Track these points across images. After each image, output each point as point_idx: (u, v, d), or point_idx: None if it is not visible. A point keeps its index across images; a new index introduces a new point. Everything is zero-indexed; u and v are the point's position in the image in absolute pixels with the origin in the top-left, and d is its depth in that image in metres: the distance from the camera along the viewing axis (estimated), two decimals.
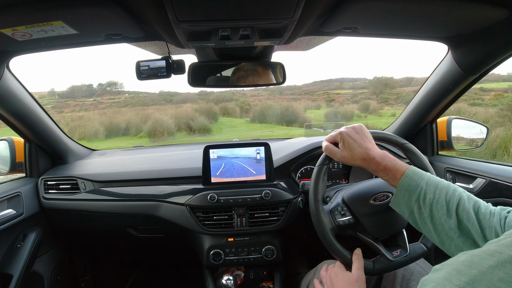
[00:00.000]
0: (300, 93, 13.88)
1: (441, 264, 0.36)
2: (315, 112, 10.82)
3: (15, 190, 1.15)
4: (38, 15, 0.64)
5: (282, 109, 9.71)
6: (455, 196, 0.62)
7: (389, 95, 11.90)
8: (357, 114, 9.98)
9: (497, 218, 0.57)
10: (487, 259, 0.31)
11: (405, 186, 0.66)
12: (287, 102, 11.90)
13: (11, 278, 1.06)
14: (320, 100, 12.78)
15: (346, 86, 13.25)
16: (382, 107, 10.98)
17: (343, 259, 0.81)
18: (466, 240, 0.59)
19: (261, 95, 13.67)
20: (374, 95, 12.10)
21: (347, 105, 11.51)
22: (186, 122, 8.75)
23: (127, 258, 1.67)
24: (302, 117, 9.18)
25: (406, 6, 0.70)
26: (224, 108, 11.52)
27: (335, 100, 12.53)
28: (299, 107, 10.48)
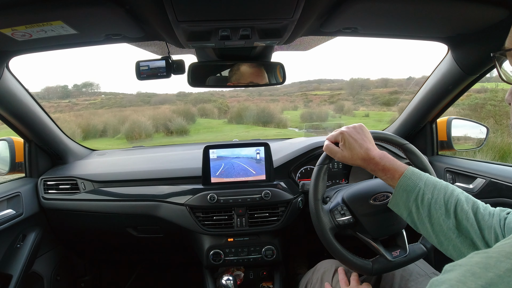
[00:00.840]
0: (279, 94, 13.96)
1: (451, 264, 0.34)
2: (291, 113, 11.02)
3: (14, 190, 1.15)
4: (38, 15, 0.64)
5: (259, 110, 10.00)
6: (454, 196, 0.62)
7: (365, 96, 12.13)
8: (332, 115, 10.28)
9: (497, 219, 0.57)
10: (503, 261, 0.29)
11: (403, 186, 0.66)
12: (265, 103, 12.04)
13: (10, 278, 1.06)
14: (298, 101, 12.97)
15: (324, 87, 13.42)
16: (357, 107, 11.23)
17: (342, 259, 0.81)
18: (464, 241, 0.59)
19: (240, 96, 13.75)
20: (350, 96, 12.33)
21: (323, 106, 11.78)
22: (164, 123, 8.82)
23: (127, 258, 1.66)
24: (277, 118, 9.47)
25: (406, 6, 0.70)
26: (202, 109, 11.63)
27: (313, 101, 12.67)
28: (277, 108, 10.74)
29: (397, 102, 9.91)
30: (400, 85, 11.94)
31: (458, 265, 0.33)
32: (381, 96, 11.66)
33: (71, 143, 1.43)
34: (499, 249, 0.31)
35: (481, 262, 0.30)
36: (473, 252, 0.57)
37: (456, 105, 6.54)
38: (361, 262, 0.80)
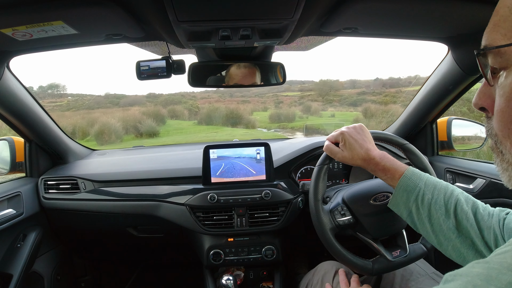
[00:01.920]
0: (251, 96, 14.05)
1: (452, 274, 0.33)
2: (261, 114, 11.22)
3: (15, 190, 1.15)
4: (38, 15, 0.64)
5: (228, 112, 10.16)
6: (453, 197, 0.62)
7: (333, 97, 12.31)
8: (300, 115, 10.48)
9: (496, 219, 0.57)
10: (505, 274, 0.28)
11: (404, 187, 0.66)
12: (236, 104, 12.12)
13: (11, 278, 1.06)
14: (269, 103, 13.07)
15: (295, 88, 13.51)
16: (326, 108, 11.46)
17: (342, 259, 0.81)
18: (464, 241, 0.59)
19: (212, 97, 13.79)
20: (320, 97, 12.49)
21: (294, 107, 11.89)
22: (134, 125, 8.85)
23: (127, 258, 1.67)
24: (246, 119, 9.71)
25: (406, 7, 0.71)
26: (172, 111, 11.67)
27: (283, 102, 12.71)
28: (246, 110, 10.95)
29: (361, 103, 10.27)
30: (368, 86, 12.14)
31: (459, 275, 0.32)
32: (349, 96, 11.89)
33: (72, 143, 1.43)
34: (501, 259, 0.30)
35: (483, 274, 0.30)
36: (472, 252, 0.58)
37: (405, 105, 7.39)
38: (361, 262, 0.81)
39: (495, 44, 0.34)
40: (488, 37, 0.36)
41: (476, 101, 0.39)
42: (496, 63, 0.35)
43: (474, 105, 0.39)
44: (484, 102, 0.38)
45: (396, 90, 11.30)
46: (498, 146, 0.36)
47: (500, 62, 0.34)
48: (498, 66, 0.34)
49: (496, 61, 0.34)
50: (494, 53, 0.34)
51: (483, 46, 0.36)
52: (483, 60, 0.36)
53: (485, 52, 0.36)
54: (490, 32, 0.35)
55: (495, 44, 0.34)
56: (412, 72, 12.50)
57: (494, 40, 0.34)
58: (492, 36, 0.35)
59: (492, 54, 0.35)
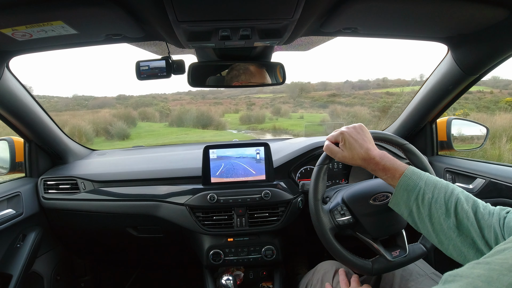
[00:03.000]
0: (223, 98, 14.01)
1: (452, 274, 0.33)
2: (232, 115, 11.33)
3: (14, 190, 1.15)
4: (38, 15, 0.64)
5: (199, 114, 10.29)
6: (454, 195, 0.62)
7: (305, 99, 12.44)
8: (269, 117, 10.67)
9: (496, 218, 0.57)
10: (506, 275, 0.28)
11: (404, 186, 0.66)
12: (207, 106, 12.17)
13: (10, 278, 1.06)
14: (242, 104, 13.03)
15: (267, 90, 13.56)
16: (297, 110, 11.59)
17: (342, 259, 0.81)
18: (464, 240, 0.59)
19: (183, 99, 13.73)
20: (291, 99, 12.62)
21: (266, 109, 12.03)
22: (105, 127, 8.82)
23: (127, 258, 1.66)
24: (217, 120, 9.85)
25: (406, 7, 0.71)
26: (143, 113, 11.67)
27: (255, 104, 12.76)
28: (218, 111, 11.05)
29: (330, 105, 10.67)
30: (338, 88, 12.27)
31: (459, 276, 0.32)
32: (319, 98, 12.03)
33: (71, 143, 1.43)
34: (501, 260, 0.30)
35: (483, 275, 0.30)
36: (472, 251, 0.58)
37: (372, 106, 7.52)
38: (361, 262, 0.81)
39: None
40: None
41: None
42: None
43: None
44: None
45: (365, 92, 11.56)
46: None
47: None
48: None
49: None
50: None
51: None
52: None
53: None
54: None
55: None
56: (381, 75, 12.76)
57: None
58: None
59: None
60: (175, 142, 1.47)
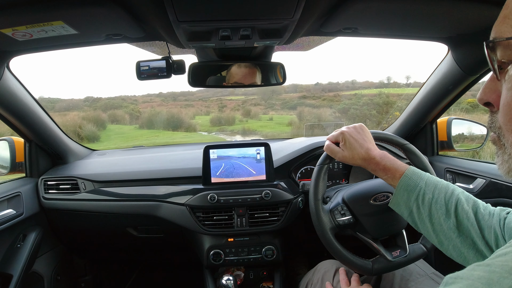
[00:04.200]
0: (194, 99, 13.89)
1: (453, 276, 0.33)
2: (203, 118, 11.40)
3: (15, 190, 1.15)
4: (38, 15, 0.64)
5: (169, 116, 10.31)
6: (454, 196, 0.62)
7: (276, 101, 12.49)
8: (240, 119, 10.78)
9: (497, 218, 0.57)
10: (507, 277, 0.28)
11: (404, 186, 0.66)
12: (178, 108, 12.14)
13: (11, 278, 1.06)
14: (213, 106, 12.95)
15: (239, 92, 13.54)
16: (268, 111, 11.73)
17: (342, 259, 0.81)
18: (464, 240, 0.59)
19: (154, 101, 13.58)
20: (263, 100, 12.67)
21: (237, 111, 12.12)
22: (74, 130, 8.72)
23: (127, 258, 1.67)
24: (187, 122, 9.94)
25: (406, 7, 0.71)
26: (112, 116, 11.58)
27: (227, 106, 12.71)
28: (189, 113, 11.10)
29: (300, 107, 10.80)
30: (308, 90, 12.34)
31: (460, 278, 0.32)
32: (290, 100, 12.10)
33: (72, 143, 1.43)
34: (502, 262, 0.30)
35: (484, 277, 0.29)
36: (472, 252, 0.58)
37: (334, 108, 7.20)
38: (361, 262, 0.81)
39: (504, 36, 0.34)
40: (497, 29, 0.36)
41: (481, 96, 0.39)
42: (505, 55, 0.35)
43: (479, 100, 0.39)
44: (490, 97, 0.38)
45: (334, 94, 11.74)
46: (501, 139, 0.37)
47: (509, 55, 0.34)
48: (506, 59, 0.35)
49: (505, 53, 0.35)
50: (503, 46, 0.34)
51: (492, 38, 0.36)
52: (492, 53, 0.36)
53: (494, 45, 0.36)
54: (499, 25, 0.36)
55: (505, 36, 0.34)
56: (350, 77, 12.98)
57: (503, 32, 0.35)
58: (502, 29, 0.35)
59: (501, 46, 0.35)
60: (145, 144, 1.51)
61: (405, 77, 15.15)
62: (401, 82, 10.92)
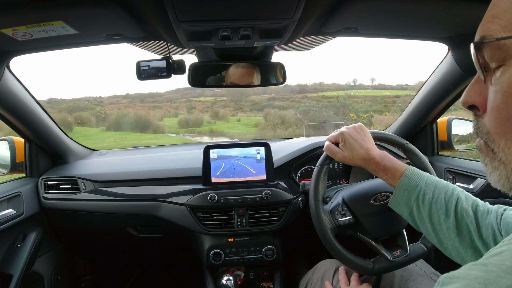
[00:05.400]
0: (163, 101, 13.70)
1: (449, 276, 0.32)
2: (171, 119, 11.35)
3: (15, 190, 1.15)
4: (38, 15, 0.64)
5: (137, 118, 10.30)
6: (454, 195, 0.62)
7: (245, 103, 12.50)
8: (208, 120, 10.83)
9: (494, 215, 0.57)
10: (504, 277, 0.28)
11: (404, 186, 0.66)
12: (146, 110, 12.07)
13: (11, 278, 1.06)
14: (182, 108, 12.82)
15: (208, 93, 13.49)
16: (237, 113, 11.79)
17: (342, 259, 0.81)
18: (463, 240, 0.59)
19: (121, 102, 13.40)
20: (232, 102, 12.64)
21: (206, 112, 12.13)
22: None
23: (127, 258, 1.66)
24: (155, 124, 9.93)
25: (406, 7, 0.71)
26: (79, 118, 11.52)
27: (196, 107, 12.64)
28: (157, 115, 11.04)
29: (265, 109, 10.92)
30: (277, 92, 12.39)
31: (456, 278, 0.31)
32: (259, 102, 12.12)
33: (72, 143, 1.43)
34: (499, 261, 0.29)
35: (481, 277, 0.29)
36: (470, 251, 0.58)
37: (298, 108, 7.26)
38: (361, 262, 0.80)
39: (494, 36, 0.32)
40: (484, 28, 0.33)
41: (465, 99, 0.36)
42: (493, 57, 0.32)
43: (463, 103, 0.37)
44: (476, 99, 0.35)
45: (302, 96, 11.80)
46: (489, 144, 0.34)
47: (498, 55, 0.31)
48: (495, 60, 0.32)
49: (494, 54, 0.32)
50: (492, 46, 0.32)
51: (480, 38, 0.34)
52: (478, 54, 0.34)
53: (481, 46, 0.33)
54: (486, 24, 0.33)
55: (494, 36, 0.32)
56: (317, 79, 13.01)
57: (492, 31, 0.32)
58: (490, 28, 0.32)
59: (489, 47, 0.32)
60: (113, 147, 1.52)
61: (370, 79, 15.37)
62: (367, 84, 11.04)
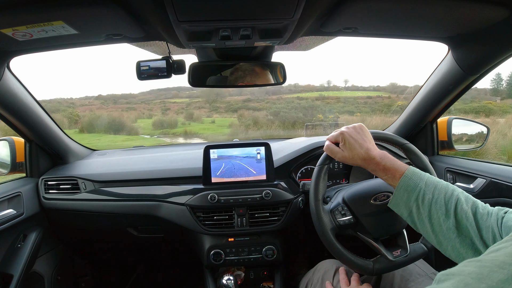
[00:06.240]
0: (136, 102, 13.35)
1: (445, 273, 0.33)
2: (145, 121, 11.28)
3: (15, 190, 1.15)
4: (38, 15, 0.65)
5: (110, 119, 10.26)
6: (454, 196, 0.62)
7: (220, 104, 12.47)
8: (182, 122, 10.79)
9: (495, 218, 0.57)
10: (496, 271, 0.29)
11: (404, 186, 0.66)
12: (120, 111, 11.84)
13: (11, 278, 1.06)
14: (156, 109, 12.55)
15: (183, 95, 13.34)
16: (212, 114, 11.79)
17: (343, 259, 0.81)
18: (463, 241, 0.59)
19: (93, 104, 13.13)
20: (207, 103, 12.59)
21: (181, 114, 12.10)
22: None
23: (127, 258, 1.67)
24: (129, 126, 9.83)
25: (406, 6, 0.71)
26: None
27: (171, 109, 12.43)
28: (131, 117, 10.94)
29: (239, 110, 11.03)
30: (253, 93, 12.38)
31: (452, 275, 0.32)
32: (234, 103, 12.08)
33: (72, 143, 1.43)
34: (492, 257, 0.30)
35: (474, 272, 0.30)
36: (471, 252, 0.58)
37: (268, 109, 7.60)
38: (362, 262, 0.80)
39: None
40: None
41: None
42: None
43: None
44: None
45: (277, 97, 11.88)
46: None
47: None
48: None
49: None
50: None
51: None
52: None
53: None
54: None
55: None
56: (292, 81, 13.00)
57: None
58: None
59: None
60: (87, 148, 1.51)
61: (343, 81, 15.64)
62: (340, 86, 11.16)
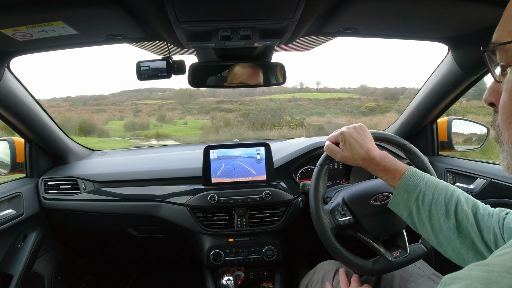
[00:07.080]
0: (107, 104, 13.34)
1: (451, 277, 0.32)
2: (116, 123, 11.07)
3: (15, 190, 1.15)
4: (38, 15, 0.65)
5: (81, 121, 10.29)
6: (454, 197, 0.62)
7: (193, 105, 12.43)
8: (154, 124, 10.73)
9: (496, 219, 0.57)
10: (505, 277, 0.28)
11: (404, 187, 0.66)
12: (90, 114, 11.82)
13: (11, 278, 1.06)
14: (128, 111, 12.32)
15: (155, 96, 13.22)
16: (185, 116, 11.68)
17: (342, 260, 0.81)
18: (464, 241, 0.59)
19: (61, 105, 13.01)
20: (180, 105, 12.52)
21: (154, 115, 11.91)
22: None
23: (127, 258, 1.66)
24: (100, 128, 9.67)
25: (406, 7, 0.71)
26: None
27: (142, 110, 12.35)
28: (101, 119, 10.80)
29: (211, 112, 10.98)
30: (226, 95, 12.35)
31: (458, 278, 0.31)
32: (207, 105, 12.03)
33: (72, 143, 1.43)
34: (500, 262, 0.30)
35: (482, 277, 0.29)
36: (472, 253, 0.58)
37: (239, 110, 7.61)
38: (361, 262, 0.80)
39: (501, 41, 0.37)
40: (496, 34, 0.39)
41: (486, 96, 0.42)
42: (502, 59, 0.37)
43: (484, 100, 0.43)
44: (493, 97, 0.41)
45: (251, 99, 11.87)
46: (499, 136, 0.40)
47: (506, 58, 0.37)
48: (504, 62, 0.37)
49: (502, 57, 0.37)
50: (500, 50, 0.37)
51: (492, 43, 0.39)
52: (492, 56, 0.39)
53: (493, 49, 0.39)
54: (498, 30, 0.39)
55: (501, 41, 0.37)
56: None
57: (500, 37, 0.38)
58: (499, 34, 0.38)
59: (499, 50, 0.38)
60: None
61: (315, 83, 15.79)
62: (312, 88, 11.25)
